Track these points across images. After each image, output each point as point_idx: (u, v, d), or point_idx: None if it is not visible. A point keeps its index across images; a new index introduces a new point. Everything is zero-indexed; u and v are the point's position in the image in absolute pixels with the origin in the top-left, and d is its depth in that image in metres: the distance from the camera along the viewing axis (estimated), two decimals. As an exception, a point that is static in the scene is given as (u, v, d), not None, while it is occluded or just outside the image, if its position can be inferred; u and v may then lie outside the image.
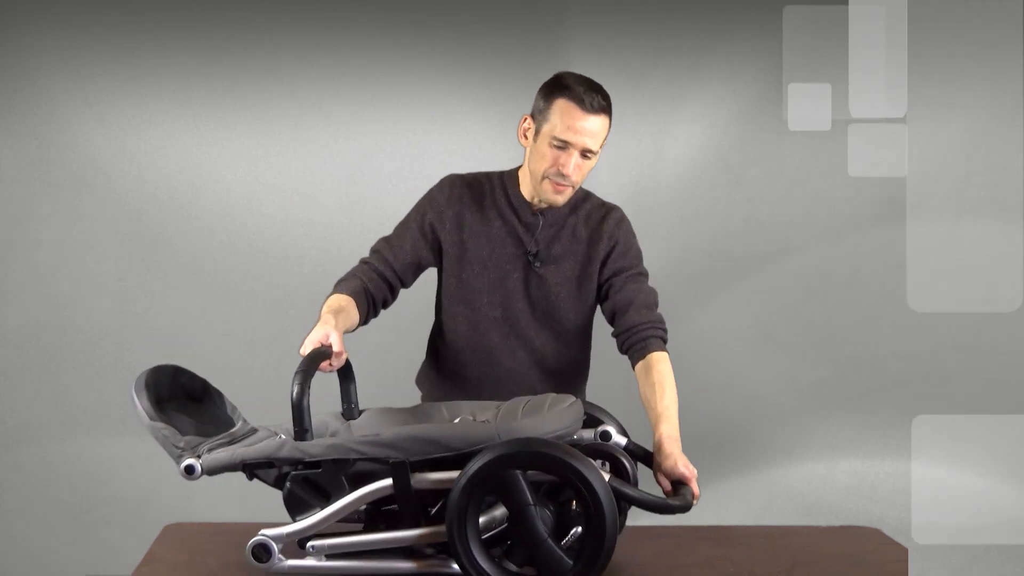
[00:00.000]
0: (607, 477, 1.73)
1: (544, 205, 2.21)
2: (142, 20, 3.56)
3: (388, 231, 3.32)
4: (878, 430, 3.75)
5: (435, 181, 2.33)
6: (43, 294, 3.59)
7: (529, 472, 1.70)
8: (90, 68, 3.56)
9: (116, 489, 3.60)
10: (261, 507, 3.55)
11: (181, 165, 3.62)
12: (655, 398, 2.04)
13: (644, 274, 2.23)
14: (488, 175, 2.27)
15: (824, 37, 3.55)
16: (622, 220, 2.25)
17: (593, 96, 2.07)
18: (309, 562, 1.80)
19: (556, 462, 1.67)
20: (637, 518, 3.48)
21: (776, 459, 3.76)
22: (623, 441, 1.97)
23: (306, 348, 1.91)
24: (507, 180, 2.24)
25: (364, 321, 2.17)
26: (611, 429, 1.97)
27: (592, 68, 2.31)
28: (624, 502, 1.78)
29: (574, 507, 1.75)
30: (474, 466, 1.68)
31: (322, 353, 1.89)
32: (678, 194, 3.69)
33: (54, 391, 3.60)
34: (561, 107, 2.08)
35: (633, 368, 2.14)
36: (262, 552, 1.79)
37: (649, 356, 2.11)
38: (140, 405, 1.87)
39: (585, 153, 2.10)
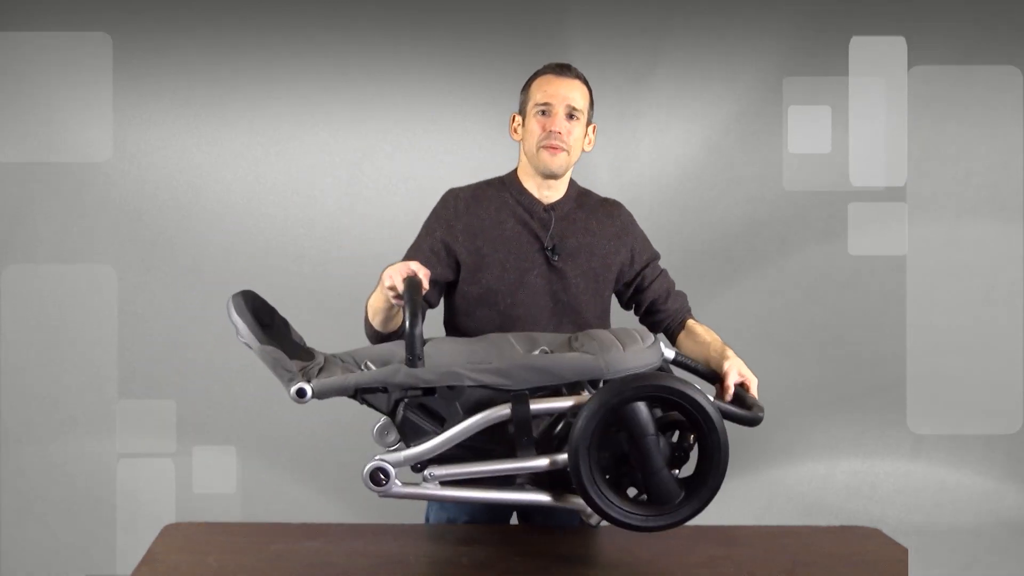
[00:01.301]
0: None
1: (551, 199, 2.26)
2: (142, 20, 3.56)
3: (388, 231, 3.35)
4: (878, 430, 3.75)
5: (435, 181, 2.34)
6: (43, 294, 3.59)
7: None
8: (90, 68, 3.56)
9: (116, 489, 3.60)
10: (261, 507, 3.57)
11: (181, 165, 3.62)
12: (712, 338, 2.23)
13: (659, 257, 2.37)
14: (488, 182, 2.31)
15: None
16: (630, 214, 2.36)
17: (566, 66, 2.23)
18: (426, 488, 1.84)
19: (683, 396, 1.79)
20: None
21: (776, 459, 3.76)
22: (671, 354, 2.08)
23: (395, 279, 1.94)
24: (508, 182, 2.29)
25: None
26: (660, 343, 2.05)
27: (592, 68, 2.33)
28: (725, 419, 1.89)
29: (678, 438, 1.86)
30: (604, 396, 1.78)
31: (417, 283, 1.92)
32: (678, 194, 3.69)
33: (54, 391, 3.60)
34: (539, 82, 2.23)
35: (674, 341, 2.32)
36: (380, 476, 1.83)
37: (688, 323, 2.32)
38: (246, 327, 1.92)
39: (571, 114, 2.20)
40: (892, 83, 3.65)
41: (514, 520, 2.34)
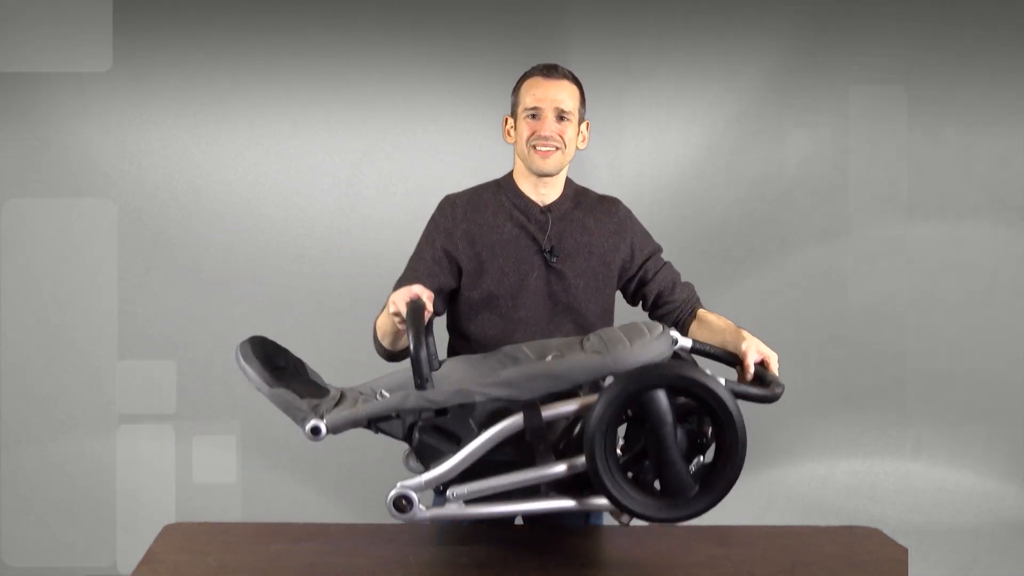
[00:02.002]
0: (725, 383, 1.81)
1: (547, 200, 2.26)
2: (142, 20, 3.56)
3: (388, 231, 3.33)
4: (878, 430, 3.76)
5: (435, 181, 2.34)
6: (43, 294, 3.59)
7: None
8: (90, 68, 3.56)
9: (116, 489, 3.60)
10: (261, 507, 3.57)
11: (181, 165, 3.62)
12: (725, 324, 2.21)
13: (661, 250, 2.36)
14: (484, 186, 2.31)
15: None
16: (628, 210, 2.35)
17: (553, 67, 2.23)
18: (450, 509, 1.82)
19: (702, 387, 1.76)
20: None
21: (776, 459, 3.76)
22: (688, 342, 2.06)
23: (399, 304, 1.94)
24: (504, 185, 2.29)
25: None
26: (675, 333, 2.03)
27: (592, 68, 2.33)
28: (744, 399, 1.88)
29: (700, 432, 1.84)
30: (623, 383, 1.76)
31: (421, 306, 1.91)
32: (678, 194, 3.69)
33: (54, 391, 3.60)
34: (527, 85, 2.23)
35: (686, 332, 2.30)
36: (403, 502, 1.81)
37: (699, 313, 2.30)
38: (256, 373, 1.89)
39: (561, 115, 2.20)
40: (891, 92, 3.67)
41: (518, 521, 2.34)
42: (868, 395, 3.73)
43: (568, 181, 2.30)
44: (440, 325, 2.34)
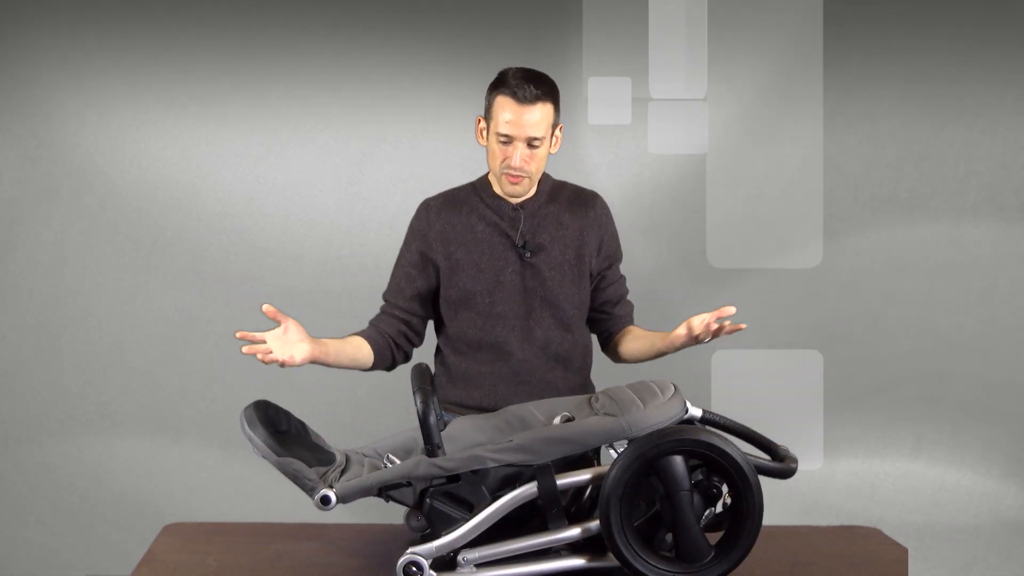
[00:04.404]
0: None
1: (518, 200, 2.26)
2: (142, 20, 3.56)
3: (388, 231, 3.37)
4: (878, 430, 3.75)
5: (435, 181, 2.35)
6: (43, 294, 3.59)
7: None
8: (90, 68, 3.57)
9: (116, 489, 3.60)
10: (261, 507, 3.57)
11: (181, 165, 3.62)
12: (649, 331, 2.27)
13: (622, 259, 2.37)
14: (460, 188, 2.33)
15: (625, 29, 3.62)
16: (606, 206, 2.35)
17: (526, 87, 2.14)
18: (461, 574, 1.80)
19: (722, 453, 1.76)
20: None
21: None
22: (698, 412, 2.03)
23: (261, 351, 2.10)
24: (479, 186, 2.31)
25: (392, 359, 2.28)
26: (681, 394, 2.01)
27: (592, 68, 2.32)
28: (762, 474, 1.88)
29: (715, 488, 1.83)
30: (640, 447, 1.74)
31: (424, 369, 1.92)
32: (678, 194, 3.69)
33: (54, 391, 3.60)
34: (499, 103, 2.17)
35: (609, 342, 2.36)
36: (413, 569, 1.79)
37: (626, 327, 2.35)
38: (262, 441, 1.89)
39: (531, 143, 2.17)
40: (892, 91, 3.66)
41: None
42: (868, 395, 3.73)
43: (544, 178, 2.29)
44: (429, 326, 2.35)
